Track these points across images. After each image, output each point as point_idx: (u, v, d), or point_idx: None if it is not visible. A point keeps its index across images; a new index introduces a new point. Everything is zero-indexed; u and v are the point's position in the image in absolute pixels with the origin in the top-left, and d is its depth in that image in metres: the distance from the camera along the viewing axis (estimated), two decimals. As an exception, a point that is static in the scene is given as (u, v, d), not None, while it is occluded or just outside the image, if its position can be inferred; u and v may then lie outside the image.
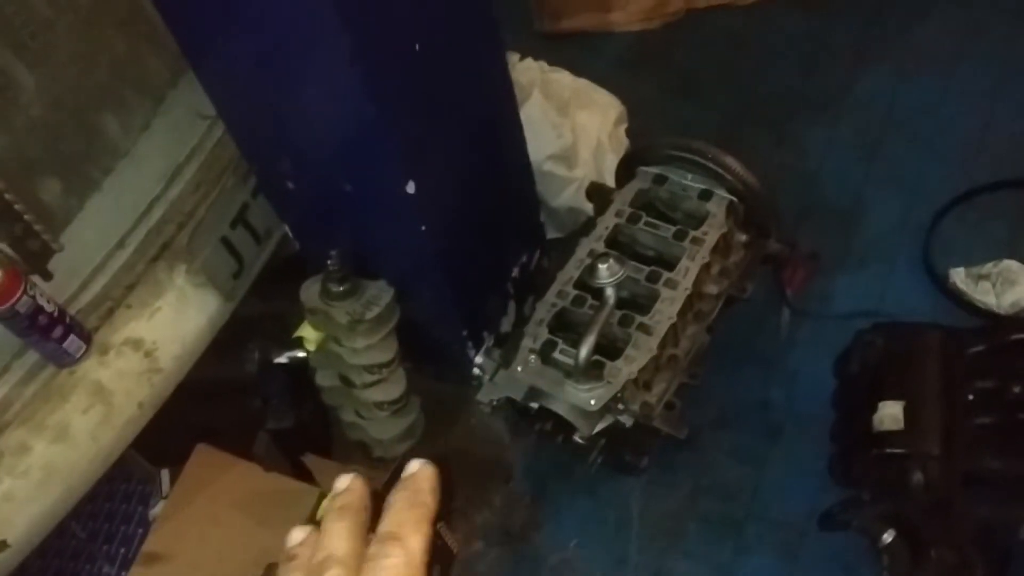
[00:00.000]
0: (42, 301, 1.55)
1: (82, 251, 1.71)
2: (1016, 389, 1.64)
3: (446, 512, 0.63)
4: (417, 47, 1.53)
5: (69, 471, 1.66)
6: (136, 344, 1.73)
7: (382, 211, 1.73)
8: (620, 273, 1.74)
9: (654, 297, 1.83)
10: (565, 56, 2.60)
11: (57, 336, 1.60)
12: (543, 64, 2.46)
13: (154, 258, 1.77)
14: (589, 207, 2.15)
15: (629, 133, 2.48)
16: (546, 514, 2.04)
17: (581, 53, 2.80)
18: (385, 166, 1.62)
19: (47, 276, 1.60)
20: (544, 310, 1.87)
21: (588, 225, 2.02)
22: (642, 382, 1.78)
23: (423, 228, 1.72)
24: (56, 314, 1.58)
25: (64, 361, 1.65)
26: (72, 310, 1.66)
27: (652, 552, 1.94)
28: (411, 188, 1.63)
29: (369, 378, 1.91)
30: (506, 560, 1.99)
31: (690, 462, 2.02)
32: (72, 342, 1.63)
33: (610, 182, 2.18)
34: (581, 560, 1.96)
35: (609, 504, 2.01)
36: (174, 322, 1.78)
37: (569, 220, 2.36)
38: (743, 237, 1.96)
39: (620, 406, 1.77)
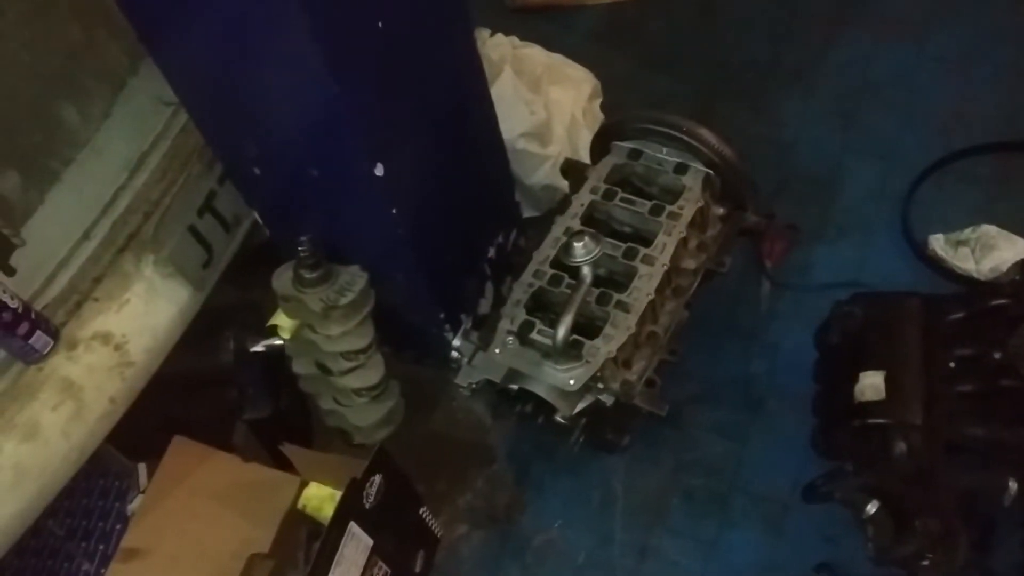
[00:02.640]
0: (5, 297, 1.52)
1: (45, 245, 1.67)
2: (996, 355, 1.63)
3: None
4: (380, 24, 1.49)
5: (41, 470, 1.63)
6: (105, 338, 1.70)
7: (351, 195, 1.70)
8: (596, 251, 1.73)
9: (631, 274, 1.81)
10: (537, 31, 2.58)
11: (23, 332, 1.57)
12: (514, 40, 2.43)
13: (121, 249, 1.74)
14: (565, 184, 2.13)
15: (604, 108, 2.46)
16: (530, 495, 2.02)
17: (554, 28, 2.77)
18: (351, 148, 1.58)
19: (9, 272, 1.57)
20: (521, 291, 1.85)
21: (564, 203, 2.00)
22: (621, 360, 1.77)
23: (393, 211, 1.69)
24: (21, 310, 1.56)
25: (31, 358, 1.62)
26: (38, 305, 1.63)
27: (637, 530, 1.94)
28: (379, 170, 1.60)
29: (346, 365, 1.88)
30: (491, 542, 1.98)
31: (673, 439, 2.01)
32: (38, 338, 1.60)
33: (585, 158, 2.16)
34: (566, 540, 1.96)
35: (593, 483, 2.00)
36: (144, 314, 1.75)
37: (545, 198, 2.33)
38: (720, 210, 1.94)
39: (600, 385, 1.76)
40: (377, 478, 1.68)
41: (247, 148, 1.71)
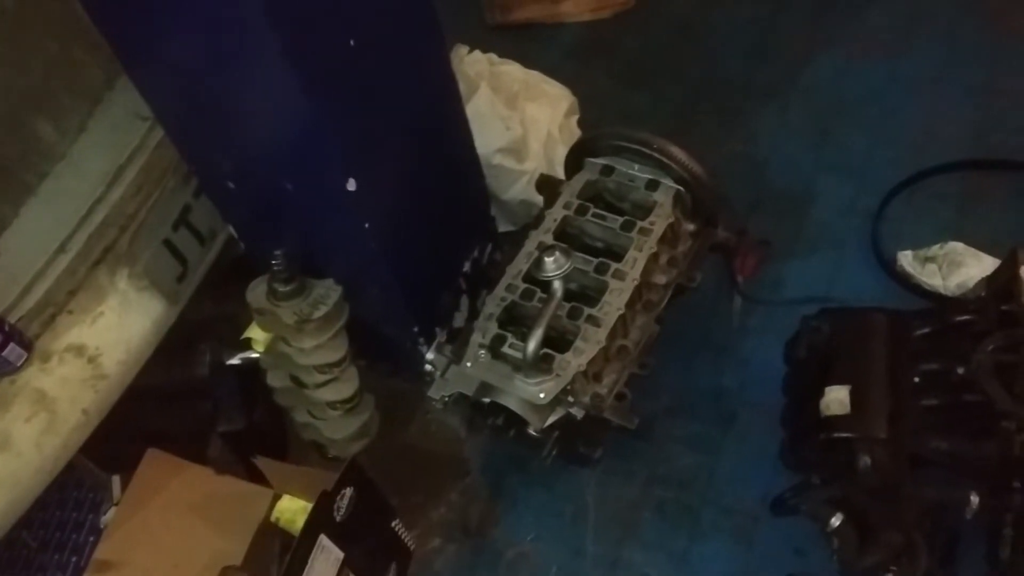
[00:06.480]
0: (-22, 310, 1.53)
1: (20, 258, 1.68)
2: (960, 370, 1.64)
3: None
4: (352, 43, 1.52)
5: (13, 481, 1.64)
6: (79, 350, 1.72)
7: (324, 210, 1.72)
8: (567, 266, 1.74)
9: (602, 289, 1.83)
10: (516, 48, 2.60)
11: (-4, 344, 1.58)
12: (492, 56, 2.46)
13: (96, 262, 1.75)
14: (541, 199, 2.15)
15: (581, 124, 2.49)
16: (503, 508, 2.03)
17: (532, 44, 2.81)
18: (324, 164, 1.60)
19: (-17, 284, 1.58)
20: (493, 304, 1.87)
21: (538, 218, 2.02)
22: (592, 374, 1.79)
23: (366, 226, 1.71)
24: (-6, 322, 1.57)
25: (4, 369, 1.63)
26: (12, 318, 1.65)
27: (608, 542, 1.95)
28: (352, 186, 1.62)
29: (320, 378, 1.89)
30: (464, 555, 1.99)
31: (644, 451, 2.03)
32: (12, 350, 1.62)
33: (561, 174, 2.18)
34: (538, 553, 1.96)
35: (565, 496, 2.01)
36: (118, 327, 1.76)
37: (522, 213, 2.36)
38: (691, 226, 1.97)
39: (570, 399, 1.77)
40: (348, 491, 1.69)
41: (221, 163, 1.73)
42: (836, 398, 1.65)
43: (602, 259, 1.86)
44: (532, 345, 1.70)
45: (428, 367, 2.02)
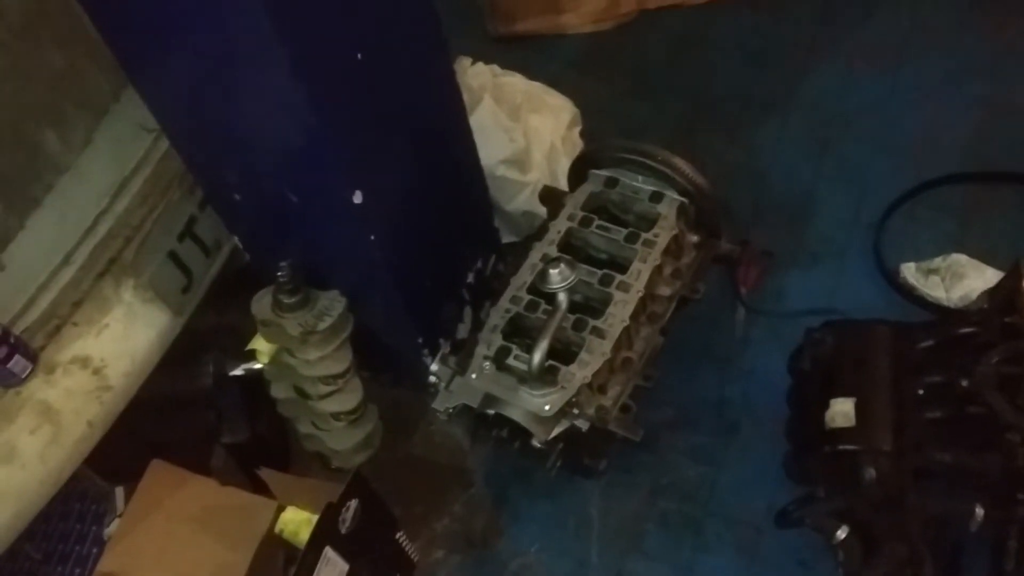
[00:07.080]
0: (-16, 321, 1.53)
1: (26, 269, 1.68)
2: (964, 383, 1.65)
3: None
4: (359, 56, 1.52)
5: (18, 493, 1.64)
6: (84, 362, 1.72)
7: (330, 221, 1.72)
8: (571, 277, 1.75)
9: (607, 300, 1.83)
10: (518, 59, 2.61)
11: (1, 356, 1.58)
12: (495, 68, 2.46)
13: (101, 274, 1.75)
14: (544, 210, 2.15)
15: (583, 135, 2.49)
16: (507, 519, 2.03)
17: (534, 56, 2.81)
18: (330, 176, 1.61)
19: (-11, 296, 1.58)
20: (498, 316, 1.87)
21: (543, 229, 2.03)
22: (596, 386, 1.79)
23: (372, 237, 1.72)
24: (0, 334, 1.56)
25: (9, 381, 1.63)
26: (17, 329, 1.64)
27: (612, 554, 1.94)
28: (358, 198, 1.62)
29: (324, 389, 1.90)
30: (467, 567, 1.98)
31: (648, 463, 2.03)
32: (17, 362, 1.62)
33: (564, 185, 2.18)
34: (542, 564, 1.96)
35: (569, 507, 2.01)
36: (123, 338, 1.76)
37: (525, 224, 2.36)
38: (694, 238, 1.97)
39: (575, 411, 1.77)
40: (353, 503, 1.69)
41: (227, 175, 1.73)
42: (841, 410, 1.65)
43: (606, 271, 1.87)
44: (537, 357, 1.70)
45: (432, 378, 2.02)
